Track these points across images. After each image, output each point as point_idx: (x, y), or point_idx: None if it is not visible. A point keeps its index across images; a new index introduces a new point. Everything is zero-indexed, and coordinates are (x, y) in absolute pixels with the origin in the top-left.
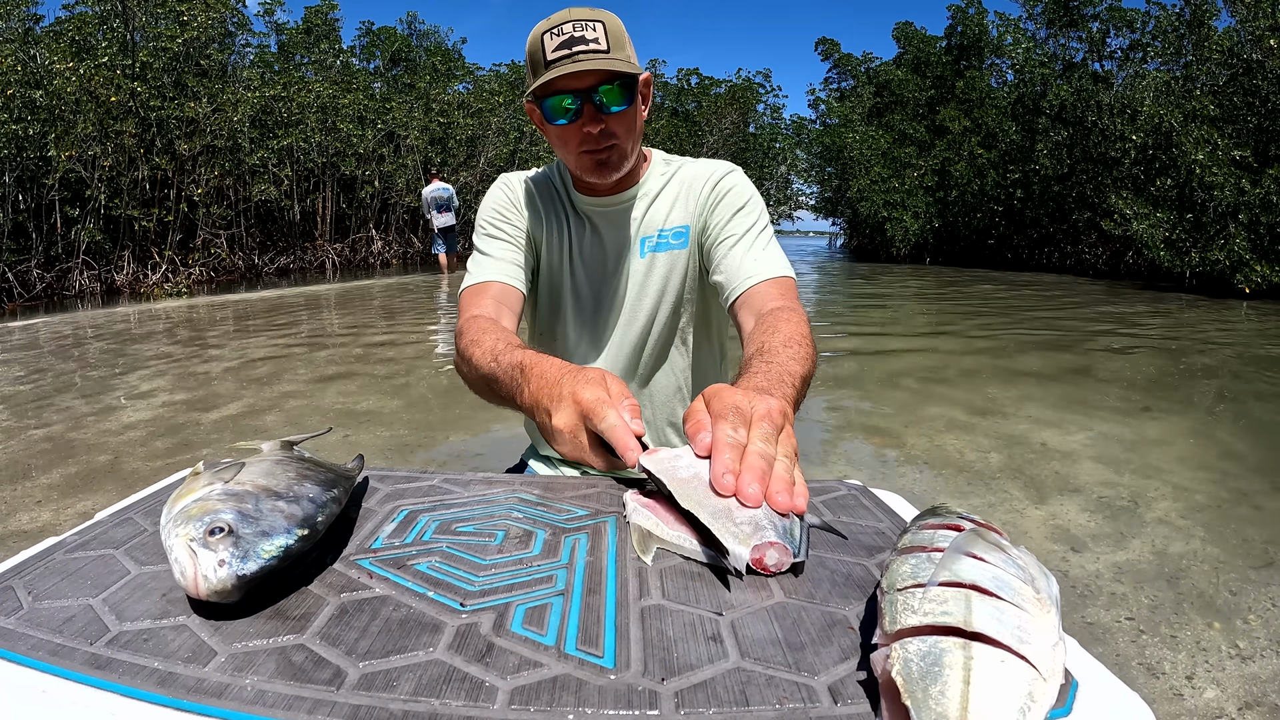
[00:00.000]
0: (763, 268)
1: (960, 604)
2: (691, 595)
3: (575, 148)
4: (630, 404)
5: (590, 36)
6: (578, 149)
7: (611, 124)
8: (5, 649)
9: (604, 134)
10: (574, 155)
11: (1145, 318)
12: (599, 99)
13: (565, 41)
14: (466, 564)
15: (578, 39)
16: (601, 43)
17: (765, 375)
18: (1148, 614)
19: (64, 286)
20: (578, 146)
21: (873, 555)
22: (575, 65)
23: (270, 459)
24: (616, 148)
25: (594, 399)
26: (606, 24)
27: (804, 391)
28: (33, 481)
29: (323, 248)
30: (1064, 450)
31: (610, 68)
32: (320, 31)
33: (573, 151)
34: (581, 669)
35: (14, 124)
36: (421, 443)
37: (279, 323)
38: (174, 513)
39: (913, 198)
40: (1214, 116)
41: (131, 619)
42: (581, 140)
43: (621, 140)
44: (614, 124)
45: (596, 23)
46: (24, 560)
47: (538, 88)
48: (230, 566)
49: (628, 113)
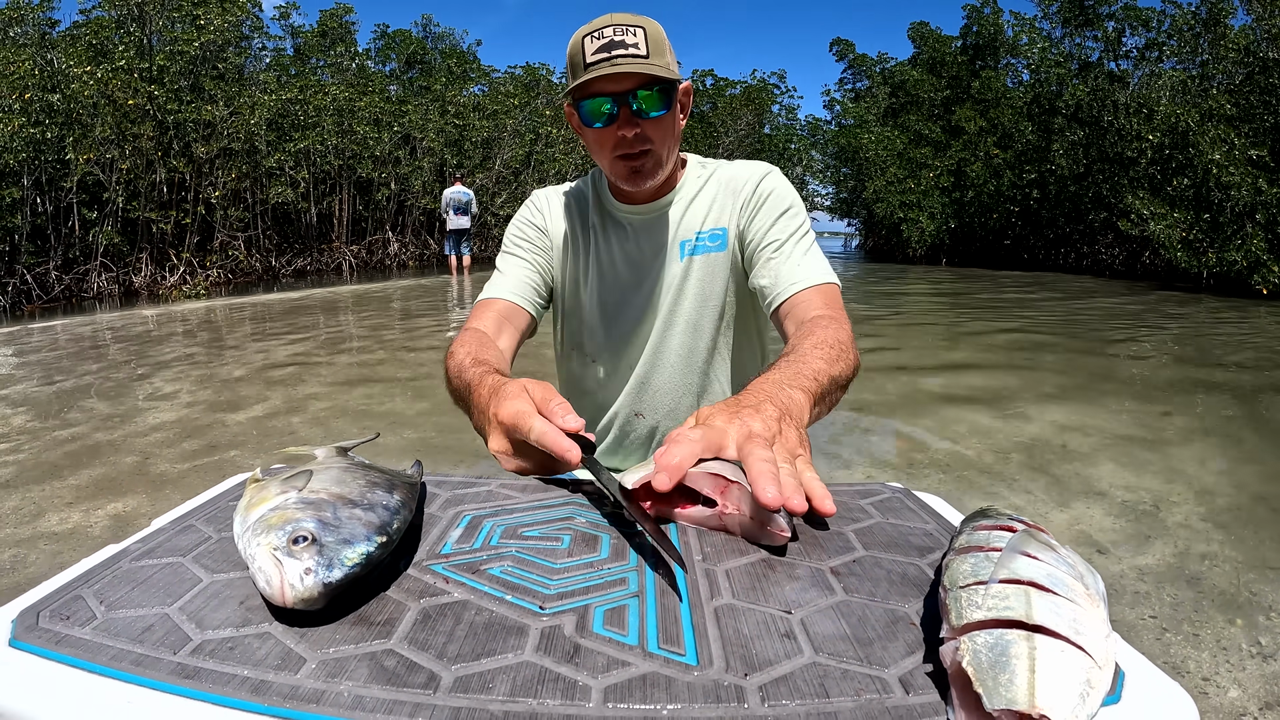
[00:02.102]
0: (805, 274)
1: (1021, 599)
2: (760, 594)
3: (611, 152)
4: (559, 403)
5: (630, 41)
6: (613, 153)
7: (648, 129)
8: (85, 660)
9: (639, 138)
10: (609, 160)
11: (1162, 319)
12: (636, 103)
13: (605, 45)
14: (539, 568)
15: (617, 43)
16: (641, 48)
17: (781, 370)
18: (1170, 612)
19: (82, 288)
20: (613, 150)
21: (924, 555)
22: (613, 68)
23: (336, 466)
24: (652, 154)
25: (513, 413)
26: (647, 30)
27: (831, 388)
28: (61, 482)
29: (339, 250)
30: (1085, 453)
31: (649, 72)
32: (336, 35)
33: (608, 156)
34: (668, 667)
35: (32, 127)
36: (450, 444)
37: (299, 324)
38: (251, 521)
39: (928, 198)
40: (1230, 115)
41: (212, 627)
42: (617, 144)
43: (657, 146)
44: (650, 129)
45: (637, 28)
46: (90, 569)
47: (575, 89)
48: (316, 575)
49: (665, 119)
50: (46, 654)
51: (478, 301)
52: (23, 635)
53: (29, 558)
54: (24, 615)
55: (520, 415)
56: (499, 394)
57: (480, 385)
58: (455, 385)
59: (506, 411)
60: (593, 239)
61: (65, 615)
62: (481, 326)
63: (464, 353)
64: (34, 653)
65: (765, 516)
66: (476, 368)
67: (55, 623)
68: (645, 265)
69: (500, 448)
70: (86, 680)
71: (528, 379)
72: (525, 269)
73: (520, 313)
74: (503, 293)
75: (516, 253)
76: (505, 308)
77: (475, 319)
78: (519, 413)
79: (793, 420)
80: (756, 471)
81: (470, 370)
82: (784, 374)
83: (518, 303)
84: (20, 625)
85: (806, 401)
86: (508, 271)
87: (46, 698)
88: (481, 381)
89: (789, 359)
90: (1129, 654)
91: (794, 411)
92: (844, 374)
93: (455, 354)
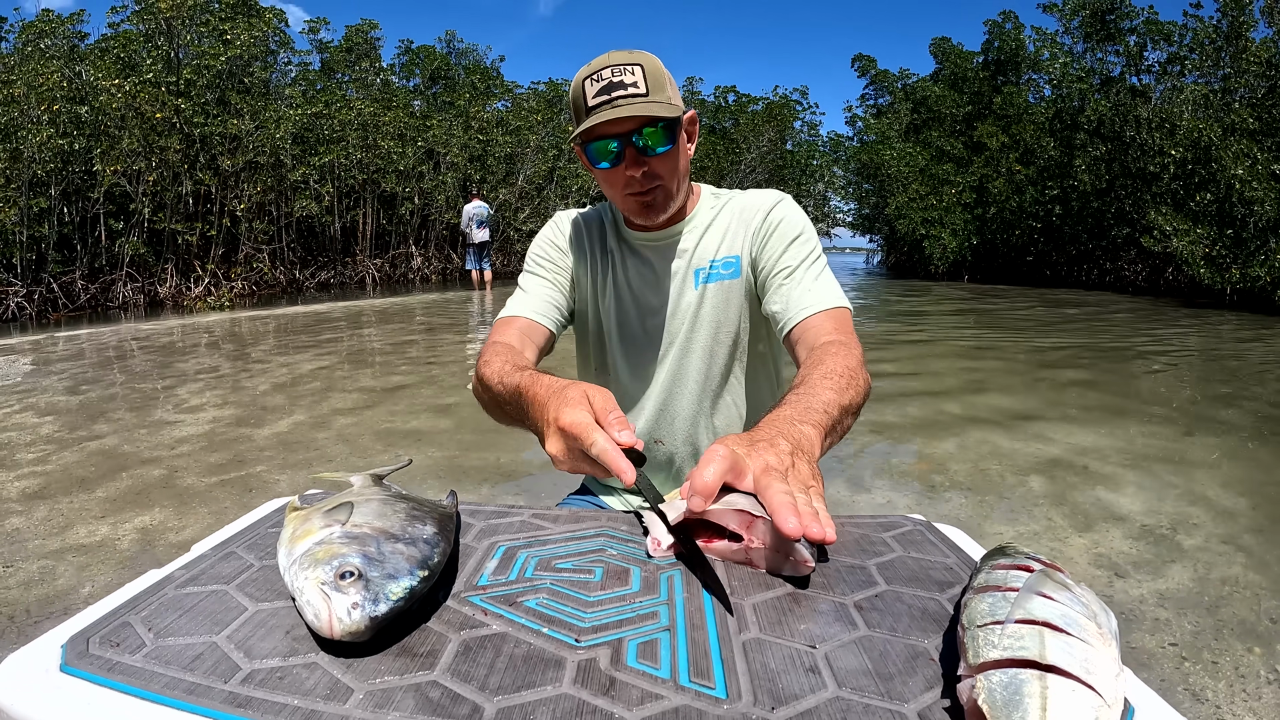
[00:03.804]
0: (816, 299)
1: (1035, 640)
2: (785, 629)
3: (621, 190)
4: (616, 416)
5: (629, 81)
6: (623, 191)
7: (655, 166)
8: (139, 687)
9: (647, 176)
10: (620, 197)
11: (1185, 336)
12: (641, 142)
13: (605, 87)
14: (574, 600)
15: (616, 84)
16: (640, 86)
17: (792, 405)
18: (1190, 639)
19: (108, 298)
20: (623, 189)
21: (944, 590)
22: (615, 111)
23: (376, 498)
24: (661, 188)
25: (574, 423)
26: (645, 66)
27: (842, 417)
28: (88, 494)
29: (363, 263)
30: (1105, 475)
31: (648, 113)
32: (361, 50)
33: (619, 194)
34: (699, 700)
35: (60, 138)
36: (474, 464)
37: (323, 338)
38: (297, 555)
39: (951, 215)
40: (1253, 129)
41: (260, 657)
42: (626, 183)
43: (666, 181)
44: (657, 166)
45: (635, 66)
46: (136, 595)
47: (581, 133)
48: (363, 609)
49: (670, 154)
50: (99, 680)
51: (500, 318)
52: (74, 661)
53: (57, 569)
54: (74, 641)
55: (582, 427)
56: (561, 397)
57: (535, 385)
58: (498, 391)
59: (567, 419)
60: (611, 264)
61: (115, 642)
62: (506, 341)
63: (500, 361)
64: (86, 679)
65: (788, 547)
66: (521, 372)
67: (105, 649)
68: (662, 292)
69: (558, 451)
70: (140, 708)
71: (589, 384)
72: (546, 287)
73: (539, 329)
74: (524, 310)
75: (538, 272)
76: (525, 324)
77: (498, 334)
78: (581, 424)
79: (804, 455)
80: (776, 503)
81: (515, 375)
82: (795, 409)
83: (539, 320)
84: (71, 651)
85: (818, 436)
86: (529, 289)
87: None
88: (536, 381)
89: (799, 392)
90: (1140, 690)
91: (805, 446)
92: (854, 401)
93: (490, 363)
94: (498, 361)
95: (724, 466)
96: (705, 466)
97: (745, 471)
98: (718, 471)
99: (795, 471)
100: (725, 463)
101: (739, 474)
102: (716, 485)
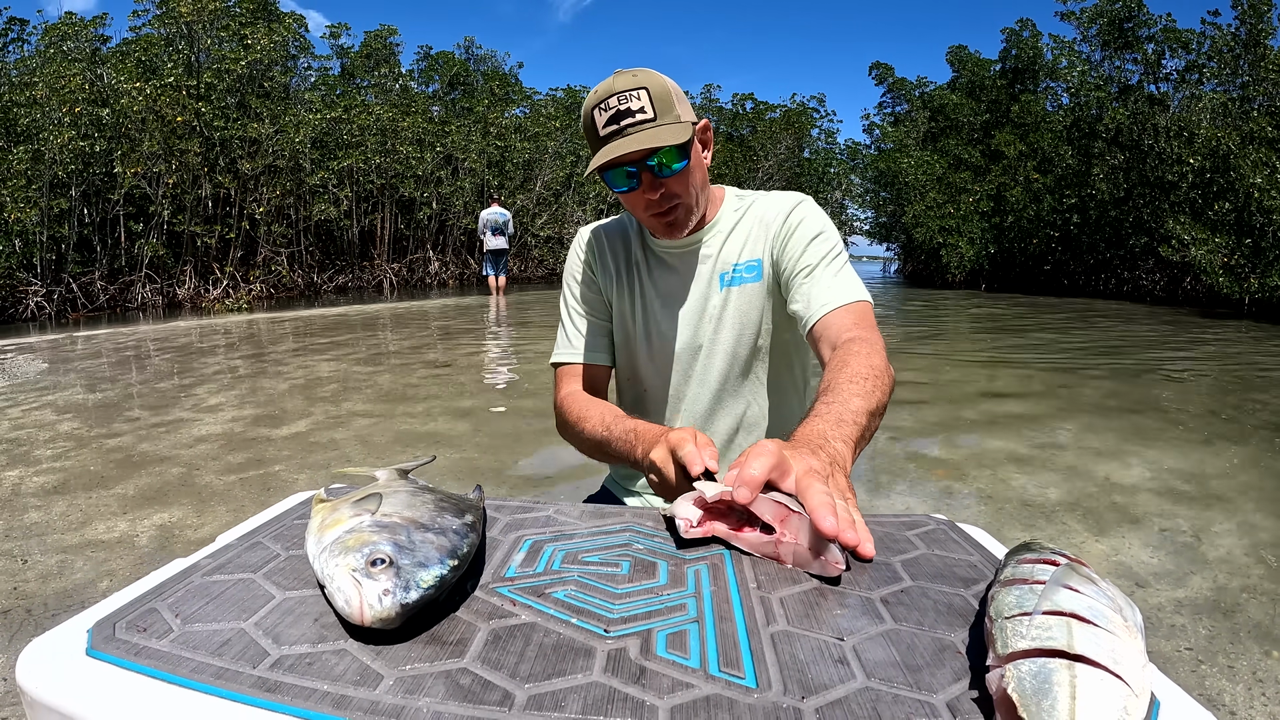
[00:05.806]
0: (835, 295)
1: (1063, 630)
2: (813, 621)
3: (643, 211)
4: (711, 448)
5: (636, 107)
6: (645, 212)
7: (671, 185)
8: (166, 671)
9: (665, 196)
10: (643, 217)
11: (1204, 346)
12: (656, 161)
13: (613, 116)
14: (602, 593)
15: (624, 112)
16: (648, 110)
17: (824, 418)
18: (1206, 644)
19: (126, 299)
20: (644, 210)
21: (969, 586)
22: (625, 143)
23: (404, 490)
24: (681, 205)
25: (679, 437)
26: (650, 89)
27: (870, 423)
28: (107, 491)
29: (380, 267)
30: (1124, 483)
31: (657, 142)
32: (380, 56)
33: (641, 214)
34: (729, 689)
35: (81, 140)
36: (493, 465)
37: (340, 340)
38: (327, 543)
39: (968, 223)
40: (1272, 138)
41: (289, 643)
42: (646, 205)
43: (684, 198)
44: (673, 185)
45: (639, 91)
46: (162, 582)
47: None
48: (394, 596)
49: (685, 171)
50: (125, 664)
51: (561, 365)
52: (100, 645)
53: (75, 564)
54: (100, 626)
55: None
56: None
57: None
58: (601, 437)
59: (675, 434)
60: (637, 274)
61: (142, 627)
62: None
63: (599, 411)
64: (113, 663)
65: (822, 547)
66: (629, 420)
67: (132, 634)
68: (687, 297)
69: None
70: (167, 691)
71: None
72: (594, 321)
73: (602, 372)
74: (583, 356)
75: (578, 309)
76: (589, 372)
77: (568, 383)
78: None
79: (840, 469)
80: (816, 502)
81: (623, 422)
82: (827, 423)
83: (597, 363)
84: (97, 635)
85: (849, 451)
86: (580, 328)
87: (127, 707)
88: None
89: (827, 401)
90: (1164, 684)
91: (840, 461)
92: (880, 402)
93: (589, 415)
94: (596, 412)
95: (771, 462)
96: (754, 460)
97: (789, 471)
98: (765, 466)
99: (834, 480)
100: (773, 459)
101: (784, 473)
102: (763, 479)
